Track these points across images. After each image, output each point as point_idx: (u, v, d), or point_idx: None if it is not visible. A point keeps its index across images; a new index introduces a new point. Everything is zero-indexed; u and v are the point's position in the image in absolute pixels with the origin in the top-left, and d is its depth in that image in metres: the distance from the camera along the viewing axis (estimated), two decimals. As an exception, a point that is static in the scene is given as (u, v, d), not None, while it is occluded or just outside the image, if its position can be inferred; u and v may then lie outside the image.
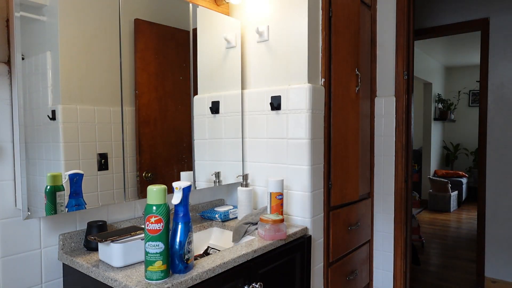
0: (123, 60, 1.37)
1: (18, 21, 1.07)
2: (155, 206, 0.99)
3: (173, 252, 1.04)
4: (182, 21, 1.61)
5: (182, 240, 1.05)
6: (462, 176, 6.41)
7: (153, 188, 0.99)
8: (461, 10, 3.11)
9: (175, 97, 1.60)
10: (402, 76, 2.26)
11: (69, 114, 1.24)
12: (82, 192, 1.25)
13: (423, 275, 3.31)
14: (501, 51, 2.97)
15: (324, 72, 1.70)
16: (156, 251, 0.98)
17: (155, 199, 0.99)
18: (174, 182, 1.06)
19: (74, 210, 1.22)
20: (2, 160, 1.13)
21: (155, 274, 0.98)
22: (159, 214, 0.98)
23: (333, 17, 1.73)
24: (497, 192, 2.99)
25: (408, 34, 2.28)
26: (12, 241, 1.15)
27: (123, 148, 1.38)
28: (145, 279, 1.00)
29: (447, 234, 4.68)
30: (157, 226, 0.98)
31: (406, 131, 2.28)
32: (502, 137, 2.98)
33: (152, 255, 0.98)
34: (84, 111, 1.28)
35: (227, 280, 1.16)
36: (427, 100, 6.34)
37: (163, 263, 0.99)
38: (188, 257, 1.05)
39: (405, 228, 2.30)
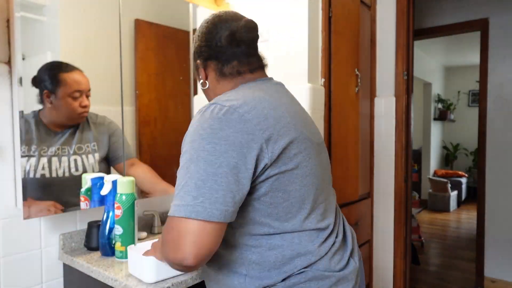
0: (123, 60, 1.37)
1: (19, 21, 1.07)
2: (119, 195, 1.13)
3: (103, 237, 1.17)
4: (182, 21, 1.61)
5: (111, 226, 1.18)
6: (462, 176, 6.41)
7: (123, 179, 1.13)
8: (461, 10, 3.11)
9: (175, 97, 1.60)
10: (402, 76, 2.27)
11: (69, 114, 1.24)
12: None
13: (423, 275, 3.31)
14: (501, 51, 2.98)
15: (324, 72, 1.70)
16: (117, 233, 1.13)
17: (120, 189, 1.13)
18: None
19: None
20: (2, 160, 1.13)
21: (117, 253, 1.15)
22: (118, 202, 1.12)
23: (333, 17, 1.73)
24: (497, 192, 2.99)
25: (408, 34, 2.28)
26: (13, 241, 1.15)
27: (123, 148, 1.38)
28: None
29: (446, 234, 4.69)
30: (118, 212, 1.12)
31: (405, 131, 2.28)
32: (502, 137, 2.98)
33: (116, 236, 1.14)
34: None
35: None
36: (427, 100, 6.34)
37: (122, 245, 1.13)
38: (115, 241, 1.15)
39: (405, 228, 2.30)
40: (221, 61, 0.88)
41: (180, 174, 0.70)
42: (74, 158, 1.21)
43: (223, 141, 0.69)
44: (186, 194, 0.67)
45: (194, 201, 0.66)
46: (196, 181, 0.67)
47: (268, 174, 0.73)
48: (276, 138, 0.73)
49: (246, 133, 0.70)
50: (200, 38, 0.90)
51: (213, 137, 0.69)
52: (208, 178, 0.67)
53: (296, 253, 0.76)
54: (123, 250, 1.13)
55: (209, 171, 0.67)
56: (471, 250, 3.84)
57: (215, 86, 0.90)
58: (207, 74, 0.91)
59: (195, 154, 0.69)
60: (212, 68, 0.89)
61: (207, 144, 0.69)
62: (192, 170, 0.68)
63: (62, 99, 1.17)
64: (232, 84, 0.88)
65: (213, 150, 0.68)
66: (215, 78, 0.89)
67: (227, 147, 0.68)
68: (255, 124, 0.72)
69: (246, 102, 0.74)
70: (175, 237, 0.67)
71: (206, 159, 0.68)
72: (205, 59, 0.89)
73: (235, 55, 0.88)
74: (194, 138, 0.71)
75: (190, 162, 0.69)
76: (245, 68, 0.89)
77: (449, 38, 4.79)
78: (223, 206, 0.67)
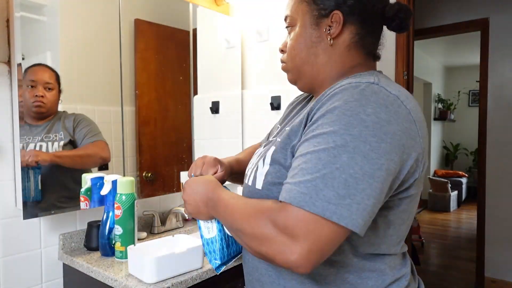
0: (123, 60, 1.37)
1: (18, 21, 1.07)
2: (119, 195, 1.14)
3: (103, 237, 1.18)
4: (182, 21, 1.61)
5: (111, 226, 1.17)
6: (462, 176, 6.41)
7: (123, 180, 1.13)
8: (461, 10, 3.11)
9: (175, 97, 1.60)
10: (402, 76, 2.26)
11: (69, 114, 1.24)
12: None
13: (423, 275, 3.30)
14: (501, 51, 2.97)
15: (324, 72, 1.70)
16: (117, 233, 1.13)
17: (120, 189, 1.13)
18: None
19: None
20: (2, 160, 1.13)
21: (117, 253, 1.15)
22: (118, 202, 1.12)
23: (333, 17, 1.72)
24: (497, 192, 2.99)
25: (408, 34, 2.28)
26: (12, 241, 1.15)
27: (123, 148, 1.38)
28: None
29: (447, 234, 4.69)
30: (117, 212, 1.12)
31: (406, 131, 2.28)
32: (502, 137, 2.97)
33: (115, 236, 1.14)
34: (84, 111, 1.28)
35: (228, 280, 1.16)
36: (427, 100, 6.34)
37: (122, 245, 1.13)
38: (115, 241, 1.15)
39: (405, 228, 2.30)
40: (366, 28, 0.70)
41: (319, 157, 0.55)
42: (40, 144, 1.21)
43: (389, 138, 0.55)
44: (327, 187, 0.53)
45: (340, 200, 0.52)
46: (347, 177, 0.53)
47: (409, 192, 0.62)
48: (425, 152, 0.63)
49: (410, 137, 0.58)
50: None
51: (380, 129, 0.55)
52: (364, 179, 0.53)
53: (395, 278, 0.67)
54: (123, 250, 1.13)
55: (366, 170, 0.53)
56: (471, 250, 3.84)
57: (340, 51, 0.70)
58: (341, 33, 0.69)
59: (351, 143, 0.54)
60: (351, 30, 0.69)
61: (371, 136, 0.54)
62: (344, 161, 0.53)
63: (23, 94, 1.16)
64: (360, 60, 0.71)
65: (377, 147, 0.54)
66: (348, 43, 0.70)
67: (392, 147, 0.55)
68: (419, 128, 0.60)
69: (407, 97, 0.61)
70: (295, 232, 0.53)
71: (367, 155, 0.54)
72: (349, 14, 0.68)
73: (379, 31, 0.73)
74: (352, 121, 0.55)
75: (342, 149, 0.54)
76: (378, 54, 0.75)
77: (449, 38, 4.79)
78: (368, 216, 0.54)
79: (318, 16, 0.70)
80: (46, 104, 1.22)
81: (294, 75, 0.76)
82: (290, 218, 0.54)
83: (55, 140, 1.25)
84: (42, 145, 1.22)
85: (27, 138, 1.17)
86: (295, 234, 0.53)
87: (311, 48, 0.71)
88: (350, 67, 0.70)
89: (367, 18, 0.69)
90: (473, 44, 4.98)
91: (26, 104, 1.17)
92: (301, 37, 0.72)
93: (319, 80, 0.72)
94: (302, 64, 0.73)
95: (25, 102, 1.16)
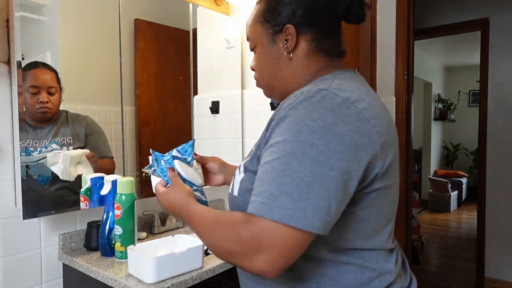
0: (123, 60, 1.37)
1: (18, 21, 1.07)
2: (119, 195, 1.13)
3: (103, 237, 1.18)
4: (182, 21, 1.61)
5: (111, 226, 1.17)
6: (462, 176, 6.41)
7: (123, 180, 1.13)
8: (461, 10, 3.11)
9: (175, 97, 1.60)
10: (402, 76, 2.26)
11: (69, 114, 1.24)
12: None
13: (423, 275, 3.31)
14: (501, 51, 2.97)
15: (324, 72, 1.70)
16: (117, 233, 1.13)
17: (120, 189, 1.13)
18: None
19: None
20: (2, 160, 1.13)
21: (117, 253, 1.15)
22: (118, 202, 1.12)
23: (333, 17, 1.73)
24: (497, 192, 2.99)
25: (408, 34, 2.28)
26: (12, 241, 1.15)
27: (123, 148, 1.38)
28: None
29: (447, 234, 4.68)
30: (117, 212, 1.12)
31: (406, 131, 2.28)
32: (502, 137, 2.97)
33: (115, 237, 1.14)
34: (84, 111, 1.28)
35: (231, 278, 1.16)
36: (427, 100, 6.34)
37: (122, 245, 1.13)
38: (115, 241, 1.15)
39: (405, 228, 2.30)
40: (321, 32, 0.73)
41: (273, 166, 0.58)
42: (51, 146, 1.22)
43: (337, 139, 0.57)
44: (282, 194, 0.56)
45: (295, 205, 0.55)
46: (298, 182, 0.56)
47: (373, 186, 0.64)
48: (388, 146, 0.65)
49: (363, 134, 0.60)
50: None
51: (326, 132, 0.57)
52: (315, 181, 0.56)
53: (377, 273, 0.68)
54: (122, 250, 1.13)
55: (316, 173, 0.56)
56: (471, 250, 3.83)
57: (301, 61, 0.74)
58: (297, 44, 0.73)
59: (299, 149, 0.57)
60: (306, 38, 0.72)
61: (317, 140, 0.57)
62: (294, 167, 0.56)
63: (24, 97, 1.15)
64: (323, 63, 0.74)
65: (325, 149, 0.57)
66: (307, 51, 0.73)
67: (342, 147, 0.57)
68: (373, 126, 0.62)
69: (361, 97, 0.63)
70: (259, 244, 0.56)
71: (315, 158, 0.56)
72: (300, 25, 0.72)
73: (336, 29, 0.76)
74: (299, 128, 0.58)
75: (292, 156, 0.57)
76: (339, 50, 0.77)
77: (449, 38, 4.78)
78: (326, 216, 0.56)
79: (273, 33, 0.74)
80: (51, 109, 1.22)
81: (267, 90, 0.82)
82: (254, 229, 0.57)
83: (63, 144, 1.24)
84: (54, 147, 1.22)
85: (33, 141, 1.16)
86: (259, 245, 0.56)
87: (274, 65, 0.76)
88: (315, 72, 0.74)
89: (319, 23, 0.73)
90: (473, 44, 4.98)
91: (30, 109, 1.16)
92: (263, 56, 0.77)
93: (290, 90, 0.74)
94: (271, 80, 0.78)
95: (28, 107, 1.15)
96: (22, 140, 1.12)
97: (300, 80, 0.74)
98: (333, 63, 0.75)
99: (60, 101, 1.24)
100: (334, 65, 0.75)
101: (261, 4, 0.77)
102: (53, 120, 1.23)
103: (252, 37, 0.79)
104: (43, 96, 1.18)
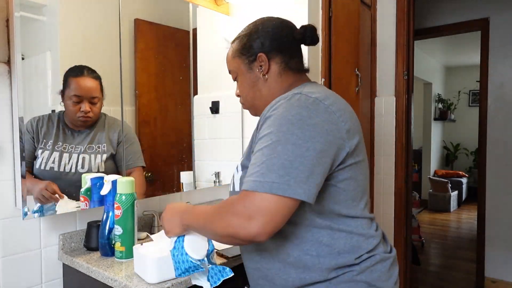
0: (123, 60, 1.37)
1: (18, 21, 1.07)
2: (119, 195, 1.13)
3: (103, 237, 1.17)
4: (182, 21, 1.61)
5: (111, 226, 1.17)
6: (462, 176, 6.41)
7: (123, 180, 1.13)
8: (461, 10, 3.11)
9: (175, 97, 1.60)
10: (402, 76, 2.26)
11: (69, 114, 1.24)
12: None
13: (423, 275, 3.31)
14: (501, 51, 2.97)
15: (324, 72, 1.70)
16: (117, 233, 1.13)
17: (120, 189, 1.13)
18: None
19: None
20: (2, 160, 1.13)
21: (117, 253, 1.14)
22: (118, 202, 1.12)
23: (333, 17, 1.73)
24: (497, 192, 2.99)
25: (408, 34, 2.28)
26: (12, 241, 1.15)
27: (123, 148, 1.38)
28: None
29: (447, 234, 4.68)
30: (117, 212, 1.12)
31: (406, 131, 2.28)
32: (502, 137, 2.97)
33: (115, 237, 1.14)
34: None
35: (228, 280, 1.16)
36: (427, 100, 6.34)
37: (121, 245, 1.13)
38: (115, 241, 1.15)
39: (405, 228, 2.30)
40: (287, 55, 0.92)
41: (262, 152, 0.74)
42: (82, 156, 1.24)
43: (311, 128, 0.74)
44: (270, 172, 0.70)
45: (281, 179, 0.70)
46: (283, 161, 0.71)
47: (346, 162, 0.80)
48: (353, 131, 0.82)
49: (331, 123, 0.77)
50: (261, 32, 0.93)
51: (302, 123, 0.74)
52: (296, 160, 0.71)
53: (363, 237, 0.83)
54: (122, 250, 1.12)
55: (297, 153, 0.71)
56: (471, 250, 3.83)
57: (275, 80, 0.93)
58: (270, 67, 0.92)
59: (283, 137, 0.73)
60: (276, 61, 0.92)
61: (296, 129, 0.73)
62: (279, 151, 0.72)
63: (65, 102, 1.20)
64: (293, 79, 0.93)
65: (302, 135, 0.73)
66: (278, 71, 0.92)
67: (315, 133, 0.74)
68: (338, 116, 0.79)
69: (327, 96, 0.81)
70: (252, 212, 0.69)
71: (295, 142, 0.72)
72: (269, 52, 0.92)
73: (298, 51, 0.96)
74: (282, 122, 0.75)
75: (277, 143, 0.73)
76: (303, 67, 0.96)
77: (449, 38, 4.78)
78: (306, 185, 0.71)
79: (249, 62, 0.94)
80: (92, 118, 1.26)
81: (253, 110, 1.00)
82: (247, 201, 0.71)
83: (97, 152, 1.27)
84: (85, 157, 1.24)
85: (69, 146, 1.18)
86: (252, 213, 0.70)
87: (254, 87, 0.95)
88: (288, 87, 0.92)
89: (284, 48, 0.93)
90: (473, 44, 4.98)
91: (71, 116, 1.20)
92: (244, 82, 0.97)
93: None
94: (253, 101, 0.97)
95: (69, 114, 1.20)
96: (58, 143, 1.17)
97: (276, 95, 0.89)
98: (301, 78, 0.95)
99: (101, 108, 1.28)
100: (302, 79, 0.94)
101: (236, 43, 0.97)
102: (92, 125, 1.27)
103: (233, 69, 0.99)
104: (85, 106, 1.22)
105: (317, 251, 0.80)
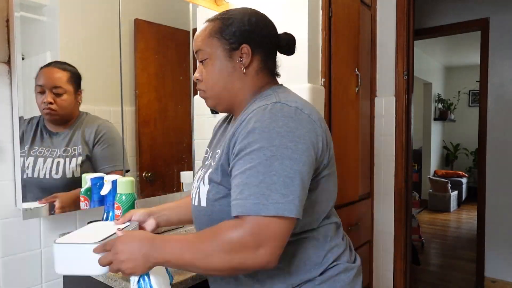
0: (123, 60, 1.37)
1: (18, 21, 1.07)
2: (119, 195, 1.11)
3: None
4: (182, 21, 1.61)
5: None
6: (462, 176, 6.41)
7: (123, 180, 1.11)
8: (461, 10, 3.11)
9: (175, 97, 1.60)
10: (402, 76, 2.26)
11: (69, 114, 1.24)
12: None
13: (423, 275, 3.31)
14: (501, 51, 2.97)
15: (324, 72, 1.70)
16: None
17: (120, 189, 1.11)
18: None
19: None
20: (2, 160, 1.13)
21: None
22: (118, 202, 1.10)
23: (333, 17, 1.72)
24: (497, 192, 2.99)
25: (408, 34, 2.28)
26: (12, 241, 1.15)
27: (123, 148, 1.38)
28: None
29: (447, 234, 4.69)
30: (117, 212, 1.10)
31: (406, 131, 2.28)
32: (502, 137, 2.97)
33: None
34: (84, 111, 1.28)
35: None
36: (427, 100, 6.34)
37: None
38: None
39: (405, 228, 2.30)
40: (268, 54, 0.88)
41: (257, 170, 0.67)
42: (57, 160, 1.17)
43: (301, 140, 0.70)
44: (272, 192, 0.66)
45: (285, 198, 0.66)
46: (284, 179, 0.66)
47: (323, 174, 0.78)
48: (329, 141, 0.79)
49: (315, 133, 0.74)
50: (252, 23, 0.85)
51: (293, 135, 0.70)
52: (296, 176, 0.67)
53: (329, 247, 0.81)
54: None
55: (295, 169, 0.68)
56: (471, 250, 3.84)
57: (252, 76, 0.86)
58: (251, 62, 0.85)
59: (277, 152, 0.68)
60: (257, 58, 0.86)
61: (288, 142, 0.69)
62: (277, 167, 0.67)
63: (35, 96, 1.12)
64: (267, 80, 0.88)
65: (296, 148, 0.69)
66: (257, 69, 0.86)
67: (305, 146, 0.70)
68: (319, 126, 0.76)
69: (304, 105, 0.77)
70: (260, 240, 0.64)
71: (291, 157, 0.68)
72: (255, 46, 0.85)
73: (275, 53, 0.91)
74: (271, 135, 0.69)
75: (272, 158, 0.67)
76: (276, 70, 0.92)
77: (449, 38, 4.79)
78: (302, 202, 0.69)
79: (230, 50, 0.84)
80: (56, 111, 1.16)
81: (214, 101, 0.90)
82: (252, 227, 0.65)
83: (73, 155, 1.18)
84: (59, 161, 1.16)
85: (45, 150, 1.12)
86: (260, 240, 0.64)
87: (227, 77, 0.85)
88: (260, 87, 0.86)
89: (267, 48, 0.87)
90: (473, 44, 4.98)
91: (39, 110, 1.12)
92: (216, 69, 0.85)
93: (237, 102, 0.87)
94: (221, 91, 0.87)
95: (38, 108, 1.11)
96: (35, 147, 1.09)
97: (247, 92, 0.85)
98: (273, 81, 0.90)
99: (74, 103, 1.20)
100: (273, 82, 0.90)
101: (216, 22, 0.86)
102: (70, 125, 1.18)
103: (205, 49, 0.85)
104: (47, 96, 1.14)
105: (284, 262, 0.77)
